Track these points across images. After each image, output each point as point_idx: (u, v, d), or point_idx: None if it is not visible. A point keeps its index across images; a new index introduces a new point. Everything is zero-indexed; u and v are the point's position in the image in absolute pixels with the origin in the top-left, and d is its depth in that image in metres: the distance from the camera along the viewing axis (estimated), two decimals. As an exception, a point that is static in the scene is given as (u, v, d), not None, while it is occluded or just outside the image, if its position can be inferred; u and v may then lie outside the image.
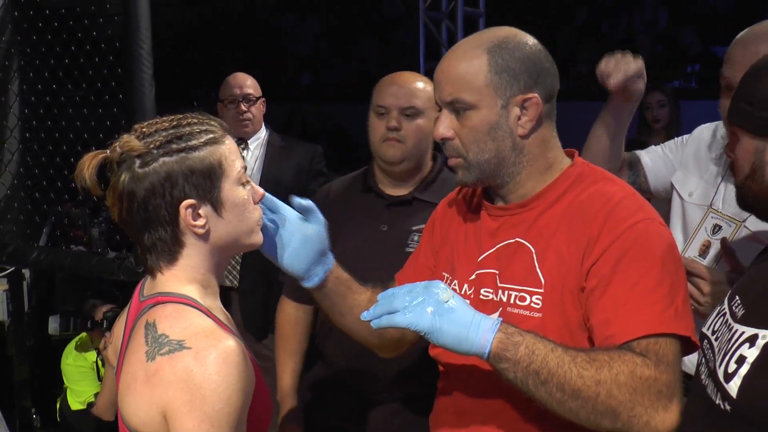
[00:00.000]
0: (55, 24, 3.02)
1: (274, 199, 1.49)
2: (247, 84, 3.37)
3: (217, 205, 1.27)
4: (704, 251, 1.91)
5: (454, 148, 1.46)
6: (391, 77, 2.13)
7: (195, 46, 12.39)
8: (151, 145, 1.22)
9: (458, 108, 1.43)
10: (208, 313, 1.24)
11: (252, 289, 3.26)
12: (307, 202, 1.50)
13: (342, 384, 2.11)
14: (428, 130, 2.05)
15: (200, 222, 1.25)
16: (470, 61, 1.41)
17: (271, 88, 3.60)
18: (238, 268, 3.25)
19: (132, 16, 2.62)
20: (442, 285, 1.32)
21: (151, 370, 1.14)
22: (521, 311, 1.40)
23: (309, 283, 1.53)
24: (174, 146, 1.23)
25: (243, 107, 3.30)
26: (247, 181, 1.33)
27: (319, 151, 3.46)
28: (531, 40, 1.45)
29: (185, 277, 1.27)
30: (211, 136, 1.27)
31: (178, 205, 1.23)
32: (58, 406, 3.65)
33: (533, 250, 1.42)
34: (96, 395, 3.45)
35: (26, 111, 3.19)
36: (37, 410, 3.65)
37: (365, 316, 1.33)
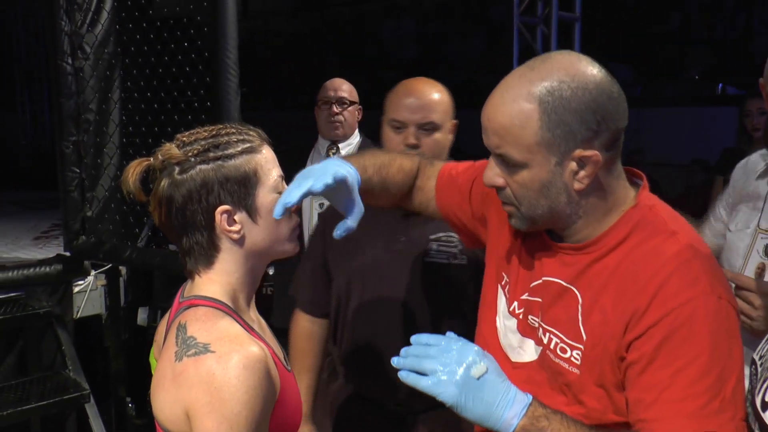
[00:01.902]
0: (152, 36, 3.20)
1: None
2: (343, 88, 3.41)
3: (252, 212, 1.30)
4: (761, 273, 1.83)
5: (506, 195, 1.34)
6: (405, 88, 2.02)
7: (303, 54, 12.69)
8: (189, 153, 1.27)
9: (507, 161, 1.29)
10: (237, 318, 1.29)
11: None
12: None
13: (362, 397, 2.06)
14: (445, 144, 1.99)
15: (235, 228, 1.29)
16: (518, 111, 1.24)
17: (375, 96, 3.66)
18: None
19: (219, 27, 2.75)
20: (476, 351, 1.24)
21: (178, 370, 1.19)
22: (561, 362, 1.33)
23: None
24: (211, 154, 1.27)
25: (335, 109, 3.34)
26: (284, 188, 1.36)
27: None
28: (592, 77, 1.24)
29: (220, 281, 1.32)
30: (248, 145, 1.31)
31: (214, 210, 1.28)
32: (149, 396, 3.82)
33: (580, 300, 1.32)
34: None
35: (124, 117, 3.38)
36: (132, 400, 3.85)
37: (395, 362, 1.27)
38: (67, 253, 3.48)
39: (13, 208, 6.48)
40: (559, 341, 1.33)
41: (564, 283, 1.35)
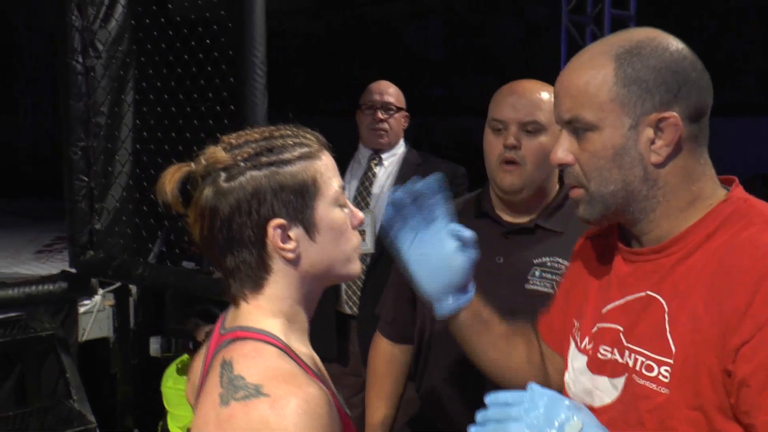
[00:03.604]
0: (170, 32, 3.14)
1: (443, 207, 1.51)
2: (389, 92, 3.26)
3: (309, 228, 1.21)
4: None
5: (573, 175, 1.31)
6: (510, 86, 1.95)
7: (323, 56, 12.72)
8: (238, 157, 1.18)
9: (578, 128, 1.28)
10: (291, 354, 1.19)
11: (374, 319, 3.21)
12: (467, 233, 1.50)
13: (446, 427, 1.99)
14: (551, 150, 1.93)
15: (290, 245, 1.20)
16: (594, 70, 1.25)
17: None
18: (359, 293, 3.21)
19: (246, 24, 2.69)
20: (567, 406, 1.15)
21: (224, 415, 1.09)
22: (647, 383, 1.23)
23: (436, 311, 1.53)
24: (263, 159, 1.19)
25: (380, 115, 3.19)
26: (346, 203, 1.27)
27: (461, 173, 3.33)
28: (675, 44, 1.25)
29: (270, 308, 1.22)
30: (306, 150, 1.22)
31: (266, 224, 1.18)
32: (159, 429, 3.76)
33: (666, 308, 1.24)
34: None
35: (138, 122, 3.33)
36: (141, 430, 3.79)
37: (473, 430, 1.18)
38: (73, 270, 3.43)
39: (13, 218, 6.47)
40: (644, 359, 1.24)
41: (646, 294, 1.27)
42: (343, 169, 3.22)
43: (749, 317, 1.13)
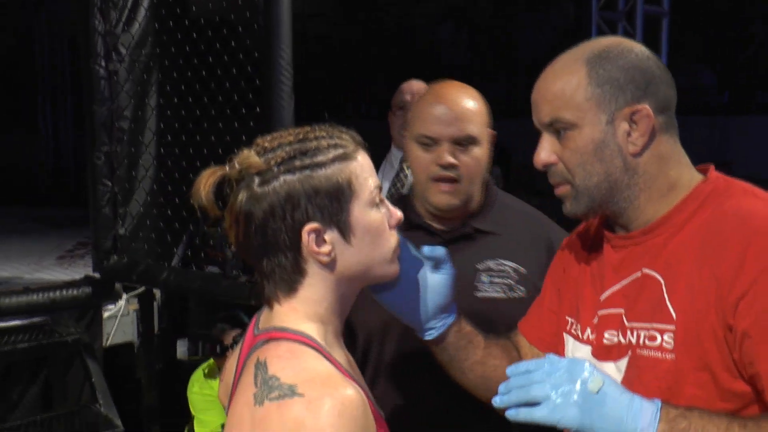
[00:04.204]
0: (194, 35, 3.19)
1: (407, 245, 1.46)
2: (422, 92, 3.29)
3: (345, 231, 1.22)
4: None
5: (558, 174, 1.41)
6: (434, 95, 1.87)
7: (348, 59, 12.76)
8: (272, 162, 1.20)
9: (558, 128, 1.39)
10: (327, 356, 1.20)
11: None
12: (439, 251, 1.48)
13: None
14: (485, 161, 1.87)
15: (325, 249, 1.21)
16: (568, 76, 1.38)
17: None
18: None
19: (273, 25, 2.72)
20: (587, 366, 1.23)
21: (258, 415, 1.11)
22: (651, 352, 1.31)
23: (426, 336, 1.53)
24: (297, 163, 1.19)
25: None
26: (382, 201, 1.28)
27: (496, 173, 3.31)
28: (638, 47, 1.40)
29: (305, 311, 1.24)
30: (341, 151, 1.23)
31: (300, 229, 1.19)
32: (185, 434, 3.81)
33: (662, 282, 1.33)
34: (223, 426, 3.54)
35: (162, 125, 3.38)
36: (166, 435, 3.83)
37: (497, 402, 1.25)
38: (97, 275, 3.48)
39: (34, 225, 6.57)
40: (646, 332, 1.32)
41: (642, 272, 1.36)
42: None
43: (743, 273, 1.22)
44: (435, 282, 1.48)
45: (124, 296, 3.60)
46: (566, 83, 1.38)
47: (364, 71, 12.21)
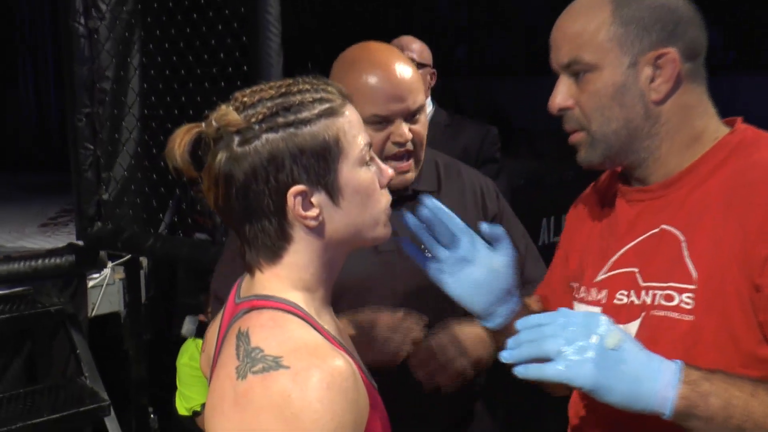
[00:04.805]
0: (177, -10, 3.12)
1: (456, 218, 1.39)
2: (412, 48, 3.16)
3: (333, 192, 1.16)
4: None
5: (574, 119, 1.36)
6: (372, 66, 1.75)
7: (343, 16, 12.64)
8: (252, 119, 1.13)
9: (577, 70, 1.33)
10: (313, 324, 1.16)
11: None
12: (497, 230, 1.39)
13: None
14: (426, 122, 1.82)
15: (312, 212, 1.16)
16: (591, 13, 1.32)
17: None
18: None
19: (258, -23, 2.66)
20: (604, 321, 1.17)
21: (241, 390, 1.06)
22: (668, 313, 1.26)
23: (489, 324, 1.42)
24: (280, 120, 1.13)
25: None
26: (372, 159, 1.23)
27: (493, 133, 3.25)
28: None
29: (289, 277, 1.19)
30: (327, 106, 1.17)
31: (285, 192, 1.14)
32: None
33: (682, 238, 1.28)
34: (203, 406, 3.48)
35: (145, 86, 3.32)
36: (155, 410, 3.81)
37: (506, 357, 1.19)
38: (80, 242, 3.46)
39: (16, 192, 6.51)
40: (662, 291, 1.27)
41: (660, 229, 1.31)
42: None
43: None
44: (495, 264, 1.38)
45: (110, 264, 3.55)
46: (588, 21, 1.32)
47: (358, 28, 12.09)
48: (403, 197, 1.83)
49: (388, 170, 1.25)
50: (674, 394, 1.12)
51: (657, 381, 1.13)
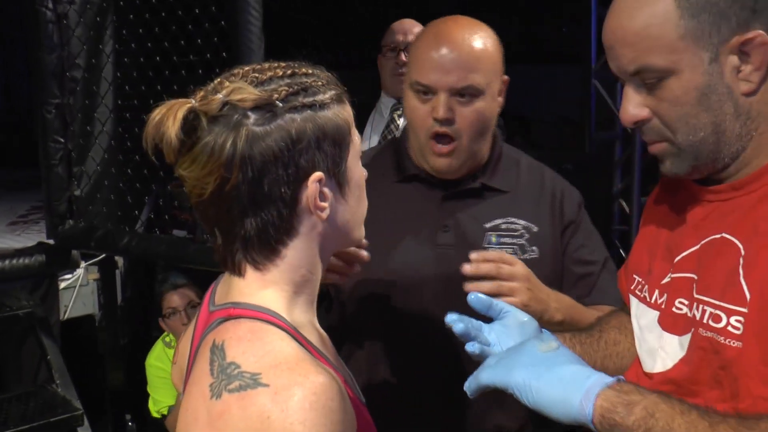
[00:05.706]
0: (151, -28, 3.07)
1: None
2: (414, 32, 3.08)
3: (342, 183, 1.13)
4: None
5: (654, 130, 1.25)
6: (434, 34, 1.72)
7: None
8: (275, 95, 1.06)
9: (649, 78, 1.21)
10: (294, 335, 1.09)
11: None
12: (553, 338, 1.24)
13: None
14: (491, 115, 1.75)
15: (325, 203, 1.11)
16: (651, 8, 1.18)
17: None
18: None
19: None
20: (546, 334, 1.22)
21: (216, 411, 1.00)
22: (714, 335, 1.17)
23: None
24: (301, 99, 1.07)
25: (404, 58, 3.03)
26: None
27: (499, 124, 3.25)
28: None
29: (274, 278, 1.12)
30: (335, 92, 1.13)
31: (305, 178, 1.08)
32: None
33: (742, 251, 1.18)
34: (171, 408, 3.45)
35: (118, 74, 3.27)
36: (133, 417, 3.79)
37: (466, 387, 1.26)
38: (51, 241, 3.39)
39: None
40: (712, 309, 1.19)
41: (721, 236, 1.22)
42: (363, 122, 3.13)
43: None
44: (566, 375, 1.16)
45: (83, 264, 3.52)
46: (650, 18, 1.18)
47: (344, 13, 12.07)
48: (470, 190, 1.81)
49: (364, 170, 1.22)
50: (595, 395, 1.09)
51: (584, 384, 1.11)
